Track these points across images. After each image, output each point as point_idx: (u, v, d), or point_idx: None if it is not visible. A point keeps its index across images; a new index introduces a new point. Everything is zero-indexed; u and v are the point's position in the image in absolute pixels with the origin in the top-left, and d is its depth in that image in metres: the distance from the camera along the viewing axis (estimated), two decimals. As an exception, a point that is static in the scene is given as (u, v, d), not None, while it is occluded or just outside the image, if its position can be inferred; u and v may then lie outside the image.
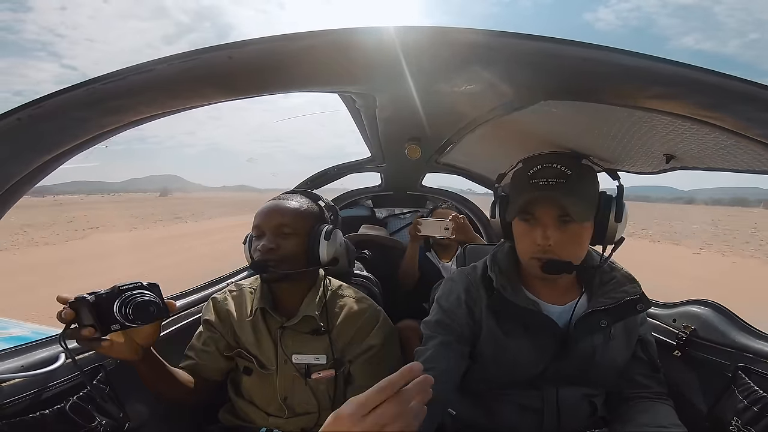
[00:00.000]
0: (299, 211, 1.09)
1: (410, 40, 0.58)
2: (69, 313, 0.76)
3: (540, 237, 0.87)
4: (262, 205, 1.11)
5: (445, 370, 0.94)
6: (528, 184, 0.89)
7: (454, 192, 2.70)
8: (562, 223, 0.88)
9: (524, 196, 0.88)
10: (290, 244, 1.06)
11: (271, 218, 1.06)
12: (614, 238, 0.93)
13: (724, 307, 1.12)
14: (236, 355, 1.13)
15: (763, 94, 0.52)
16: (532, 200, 0.87)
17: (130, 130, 0.69)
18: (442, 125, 1.35)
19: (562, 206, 0.86)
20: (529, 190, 0.88)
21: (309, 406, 1.10)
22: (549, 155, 0.93)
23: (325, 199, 1.19)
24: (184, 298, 1.40)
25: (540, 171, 0.89)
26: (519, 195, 0.90)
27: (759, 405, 0.90)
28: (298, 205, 1.10)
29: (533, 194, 0.87)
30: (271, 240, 1.05)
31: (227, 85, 0.65)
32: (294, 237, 1.06)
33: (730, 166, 0.87)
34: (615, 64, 0.57)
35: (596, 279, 0.98)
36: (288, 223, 1.06)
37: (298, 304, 1.12)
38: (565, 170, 0.88)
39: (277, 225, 1.06)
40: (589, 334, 0.92)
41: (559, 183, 0.86)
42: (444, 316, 0.99)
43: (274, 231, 1.06)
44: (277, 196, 1.14)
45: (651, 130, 0.82)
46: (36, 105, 0.55)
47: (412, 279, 2.11)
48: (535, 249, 0.89)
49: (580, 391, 0.97)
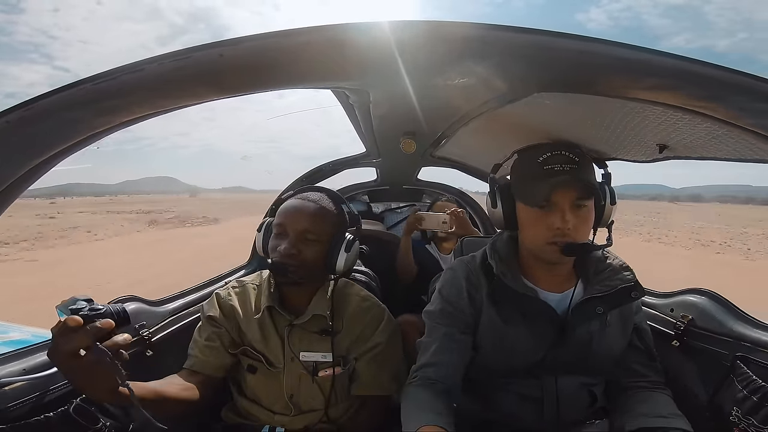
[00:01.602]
0: (326, 217, 1.07)
1: (403, 34, 0.58)
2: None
3: (560, 221, 0.88)
4: (288, 202, 1.08)
5: (451, 362, 0.97)
6: (542, 171, 0.90)
7: (450, 186, 2.70)
8: (576, 207, 0.89)
9: (542, 183, 0.88)
10: (311, 251, 1.04)
11: (297, 221, 1.03)
12: (609, 220, 0.96)
13: (721, 297, 1.13)
14: (241, 353, 1.12)
15: (756, 84, 0.53)
16: (554, 185, 0.87)
17: (122, 131, 0.69)
18: (436, 119, 1.35)
19: (579, 189, 0.88)
20: (544, 177, 0.89)
21: (315, 403, 1.10)
22: (550, 144, 0.94)
23: (348, 205, 1.17)
24: (183, 298, 1.40)
25: (552, 158, 0.90)
26: (533, 182, 0.90)
27: (758, 395, 0.91)
28: (325, 211, 1.07)
29: (553, 179, 0.87)
30: (294, 244, 1.02)
31: (219, 84, 0.65)
32: (316, 244, 1.04)
33: (722, 155, 0.87)
34: (609, 56, 0.57)
35: (592, 267, 1.00)
36: (313, 230, 1.04)
37: (306, 302, 1.12)
38: (573, 156, 0.90)
39: (303, 230, 1.03)
40: (586, 320, 0.94)
41: (572, 168, 0.89)
42: (446, 305, 1.01)
43: (298, 236, 1.03)
44: (304, 195, 1.10)
45: (644, 120, 0.82)
46: (26, 107, 0.55)
47: (409, 273, 2.12)
48: (551, 234, 0.89)
49: (579, 380, 0.98)
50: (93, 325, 0.69)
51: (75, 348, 0.67)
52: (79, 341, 0.67)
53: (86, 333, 0.68)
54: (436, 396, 0.93)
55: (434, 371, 0.97)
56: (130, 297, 1.22)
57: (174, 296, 1.39)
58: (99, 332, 0.68)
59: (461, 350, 0.99)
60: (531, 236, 0.95)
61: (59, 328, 0.68)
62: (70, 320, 0.67)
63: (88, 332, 0.68)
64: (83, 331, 0.67)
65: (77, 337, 0.67)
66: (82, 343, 0.67)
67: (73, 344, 0.66)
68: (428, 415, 0.85)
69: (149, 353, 1.17)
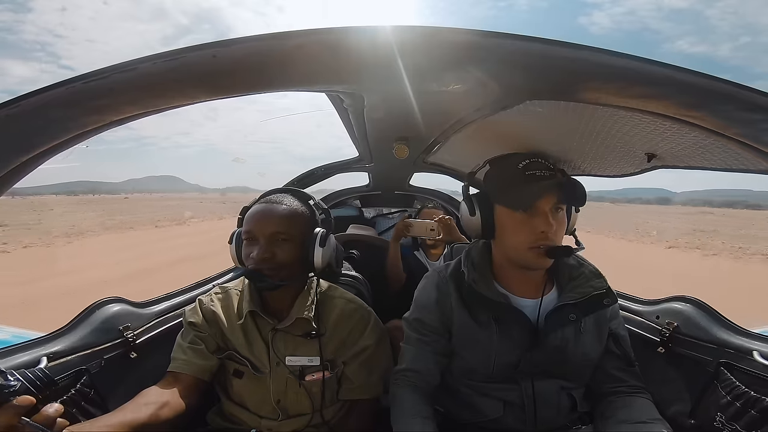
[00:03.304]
0: (293, 216, 1.06)
1: (399, 39, 0.58)
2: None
3: (544, 224, 0.90)
4: (254, 209, 1.07)
5: (427, 370, 1.03)
6: (524, 176, 0.92)
7: (441, 192, 2.71)
8: (555, 211, 0.93)
9: (526, 188, 0.90)
10: (285, 251, 1.03)
11: (265, 225, 1.03)
12: (574, 225, 1.03)
13: (705, 304, 1.15)
14: (227, 357, 1.10)
15: (742, 93, 0.54)
16: (541, 188, 0.90)
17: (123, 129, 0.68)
18: (430, 125, 1.36)
19: (558, 194, 0.91)
20: (528, 182, 0.91)
21: (303, 407, 1.09)
22: (521, 154, 0.99)
23: (315, 199, 1.16)
24: (168, 300, 1.38)
25: (532, 164, 0.93)
26: (519, 187, 0.92)
27: (741, 401, 0.92)
28: (292, 210, 1.07)
29: (537, 184, 0.90)
30: (266, 249, 1.01)
31: (212, 85, 0.64)
32: (288, 243, 1.04)
33: (709, 164, 0.89)
34: (598, 64, 0.57)
35: (566, 274, 1.03)
36: (283, 230, 1.03)
37: (288, 306, 1.11)
38: (549, 164, 0.95)
39: (273, 233, 1.02)
40: (560, 327, 0.96)
41: (551, 174, 0.92)
42: (419, 313, 1.06)
43: (268, 239, 1.02)
44: (267, 198, 1.10)
45: (633, 129, 0.84)
46: (14, 104, 0.54)
47: (398, 279, 2.12)
48: (535, 238, 0.92)
49: (557, 384, 1.00)
50: (11, 404, 0.64)
51: (1, 427, 0.63)
52: (3, 421, 0.63)
53: (7, 411, 0.63)
54: (421, 399, 0.98)
55: (413, 376, 1.02)
56: (116, 298, 1.21)
57: (159, 298, 1.37)
58: (20, 410, 0.65)
59: (435, 356, 1.03)
60: (513, 242, 0.96)
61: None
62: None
63: (8, 411, 0.63)
64: (3, 410, 0.63)
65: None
66: (6, 421, 0.63)
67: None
68: (416, 420, 0.93)
69: (133, 355, 1.16)
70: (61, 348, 1.01)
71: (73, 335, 1.06)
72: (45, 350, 0.98)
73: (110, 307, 1.18)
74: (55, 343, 1.02)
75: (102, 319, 1.13)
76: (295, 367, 1.08)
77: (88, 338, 1.08)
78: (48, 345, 1.01)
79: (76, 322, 1.10)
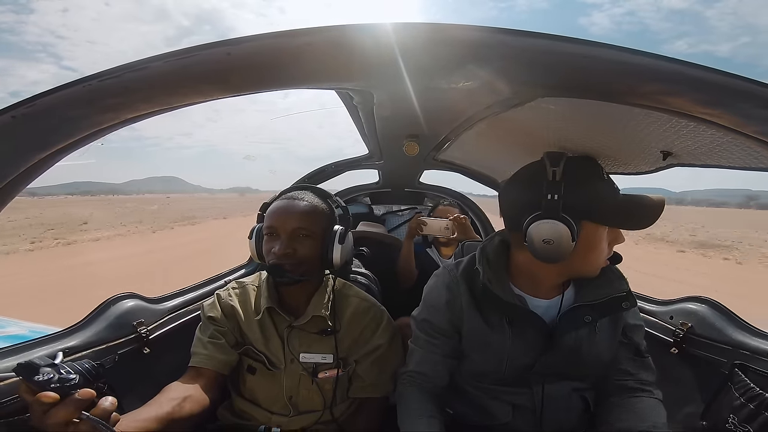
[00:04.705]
0: (314, 212, 1.08)
1: (407, 36, 0.58)
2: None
3: (620, 236, 0.88)
4: (275, 204, 1.09)
5: (435, 372, 1.01)
6: (614, 185, 0.87)
7: (452, 190, 2.70)
8: None
9: (624, 198, 0.85)
10: (306, 248, 1.05)
11: (287, 221, 1.04)
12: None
13: (720, 304, 1.13)
14: (243, 353, 1.12)
15: (762, 91, 0.52)
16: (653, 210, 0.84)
17: (125, 129, 0.68)
18: (439, 122, 1.35)
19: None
20: (617, 190, 0.87)
21: (314, 404, 1.10)
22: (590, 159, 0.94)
23: (335, 197, 1.17)
24: (181, 296, 1.40)
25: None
26: (635, 205, 0.85)
27: (755, 402, 0.91)
28: (313, 206, 1.08)
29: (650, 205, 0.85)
30: (288, 244, 1.03)
31: (225, 82, 0.65)
32: (309, 240, 1.05)
33: (726, 163, 0.87)
34: (612, 61, 0.56)
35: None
36: (305, 226, 1.04)
37: (304, 303, 1.12)
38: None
39: (295, 228, 1.04)
40: (574, 328, 0.93)
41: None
42: (428, 314, 1.02)
43: (290, 234, 1.04)
44: (288, 194, 1.12)
45: (648, 126, 0.82)
46: (30, 103, 0.55)
47: (410, 277, 2.11)
48: (611, 250, 0.90)
49: (570, 386, 0.98)
50: (73, 398, 0.63)
51: (61, 423, 0.62)
52: (64, 416, 0.62)
53: (68, 407, 0.63)
54: (427, 399, 0.98)
55: (420, 378, 1.02)
56: (131, 294, 1.23)
57: (173, 294, 1.39)
58: (82, 404, 0.64)
59: (443, 359, 1.01)
60: (599, 258, 0.89)
61: (38, 404, 0.62)
62: (44, 397, 0.61)
63: (70, 406, 0.63)
64: (65, 406, 0.62)
65: (60, 413, 0.62)
66: (69, 416, 0.63)
67: (58, 419, 0.62)
68: (422, 420, 0.93)
69: (146, 351, 1.17)
70: (76, 343, 1.03)
71: (88, 330, 1.08)
72: (61, 345, 1.00)
73: (124, 303, 1.20)
74: (70, 339, 1.04)
75: (116, 314, 1.15)
76: (309, 364, 1.09)
77: (102, 334, 1.10)
78: (64, 340, 1.03)
79: (91, 317, 1.12)
